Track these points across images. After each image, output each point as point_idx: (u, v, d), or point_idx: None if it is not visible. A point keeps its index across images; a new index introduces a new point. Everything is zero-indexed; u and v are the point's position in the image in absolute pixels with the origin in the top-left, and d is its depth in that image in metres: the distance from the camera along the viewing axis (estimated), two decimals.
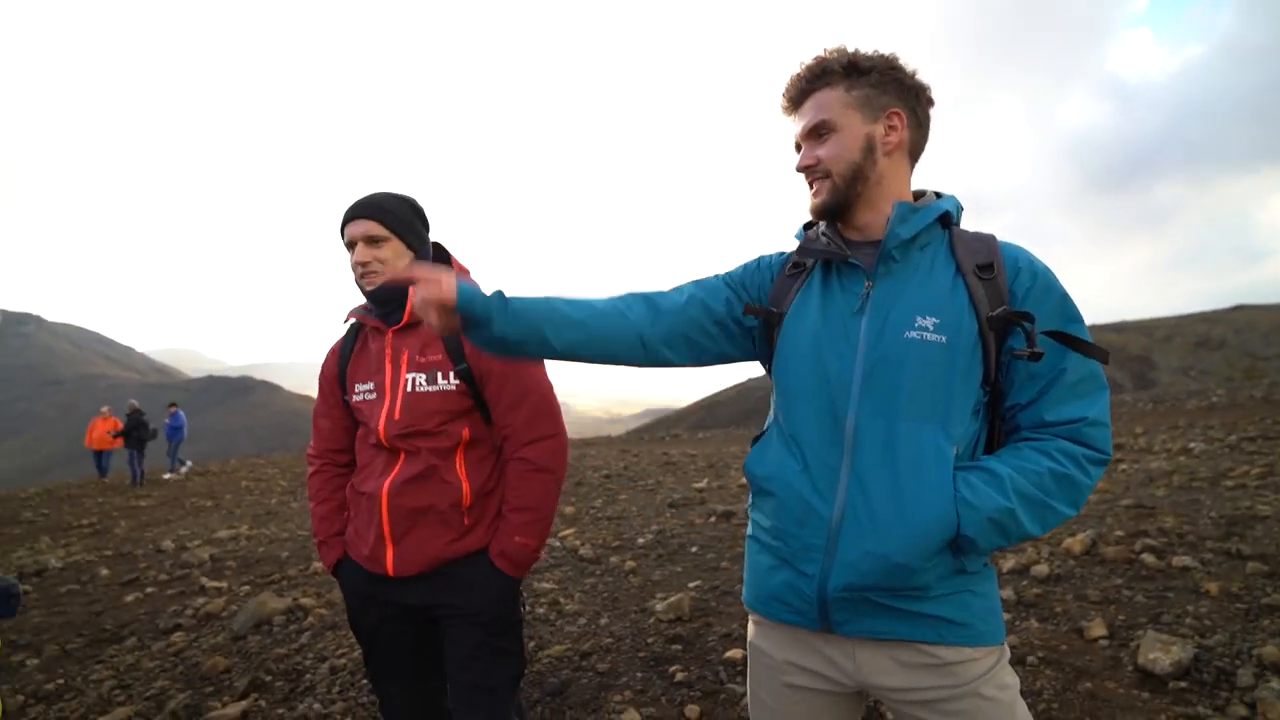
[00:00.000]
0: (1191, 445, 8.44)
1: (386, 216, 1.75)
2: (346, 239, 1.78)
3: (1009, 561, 4.11)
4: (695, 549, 5.25)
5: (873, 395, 1.19)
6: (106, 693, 3.47)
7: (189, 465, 16.60)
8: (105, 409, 16.16)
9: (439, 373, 1.74)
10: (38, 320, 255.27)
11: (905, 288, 1.22)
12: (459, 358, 1.74)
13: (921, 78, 1.28)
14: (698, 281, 1.40)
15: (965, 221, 1.32)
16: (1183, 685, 2.59)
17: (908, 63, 1.27)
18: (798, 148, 1.33)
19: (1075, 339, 1.17)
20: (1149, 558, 3.91)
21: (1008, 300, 1.19)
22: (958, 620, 1.18)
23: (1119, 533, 4.47)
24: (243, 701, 3.13)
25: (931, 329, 1.18)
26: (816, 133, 1.27)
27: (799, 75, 1.29)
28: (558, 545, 5.67)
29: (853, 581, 1.17)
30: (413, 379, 1.75)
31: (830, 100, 1.26)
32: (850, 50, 1.27)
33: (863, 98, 1.25)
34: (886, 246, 1.23)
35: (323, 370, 1.97)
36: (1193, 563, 3.78)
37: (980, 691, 1.18)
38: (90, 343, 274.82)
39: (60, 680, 3.72)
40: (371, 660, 1.92)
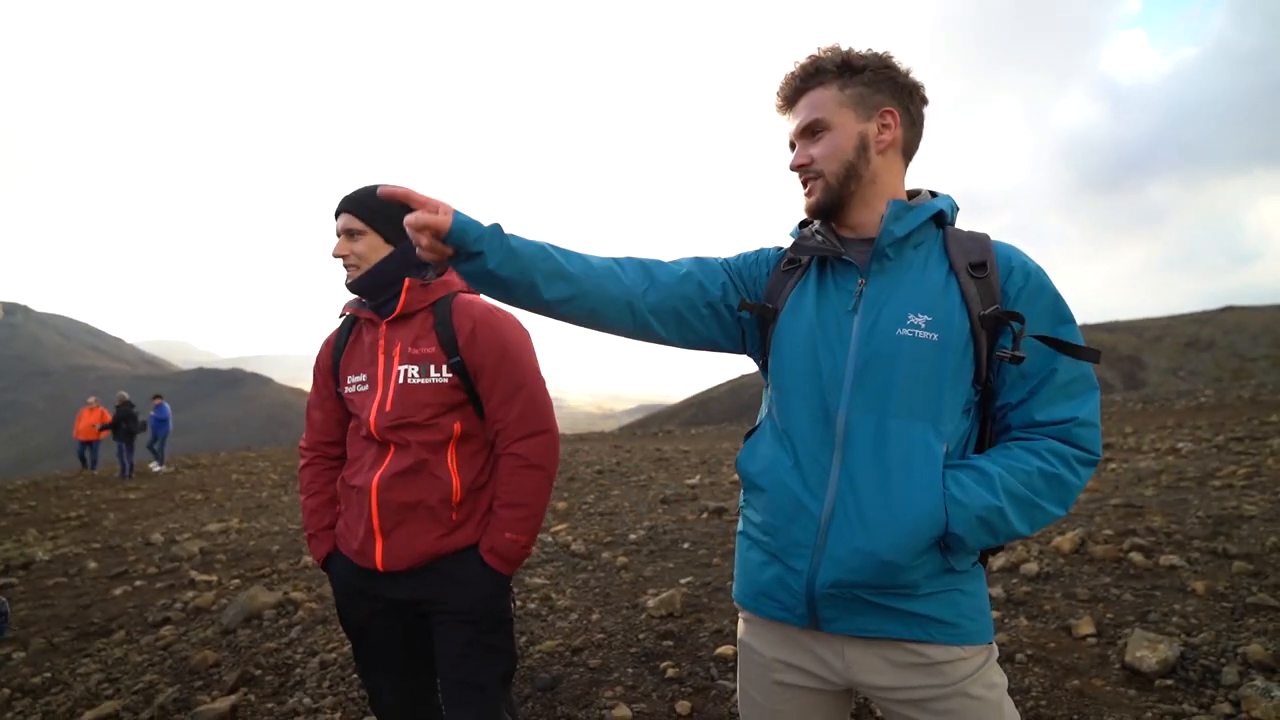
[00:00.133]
0: (1180, 445, 8.51)
1: (362, 209, 1.75)
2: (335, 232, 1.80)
3: (999, 560, 4.14)
4: (687, 545, 5.26)
5: (864, 392, 1.19)
6: (94, 686, 3.45)
7: (160, 467, 16.06)
8: (92, 400, 16.02)
9: (431, 365, 1.73)
10: (25, 310, 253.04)
11: (898, 286, 1.22)
12: (452, 351, 1.73)
13: (915, 76, 1.28)
14: (699, 259, 1.38)
15: (961, 221, 1.32)
16: (1169, 683, 2.61)
17: (901, 61, 1.27)
18: (792, 146, 1.32)
19: (1064, 343, 1.17)
20: (1137, 557, 3.94)
21: (1000, 300, 1.19)
22: (946, 619, 1.19)
23: (1108, 531, 4.50)
24: (232, 695, 3.11)
25: (923, 327, 1.18)
26: (810, 131, 1.27)
27: (793, 74, 1.29)
28: (549, 540, 5.67)
29: (841, 578, 1.17)
30: (405, 371, 1.74)
31: (824, 99, 1.25)
32: (844, 49, 1.26)
33: (856, 96, 1.25)
34: (880, 244, 1.23)
35: (316, 362, 1.97)
36: (1180, 562, 3.82)
37: (968, 691, 1.18)
38: (79, 334, 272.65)
39: (47, 674, 3.70)
40: (361, 655, 1.92)
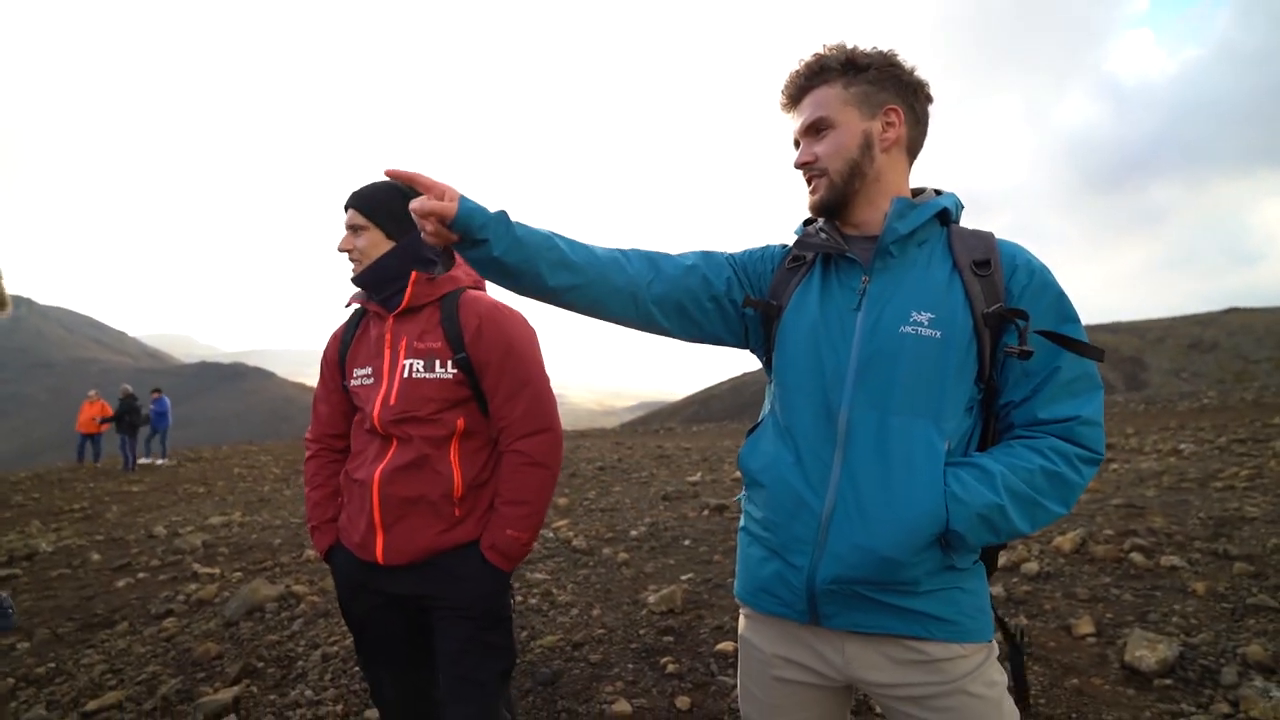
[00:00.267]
0: (1182, 446, 8.49)
1: (366, 205, 1.77)
2: None
3: (1000, 559, 4.14)
4: (688, 542, 5.27)
5: (866, 389, 1.19)
6: (98, 677, 3.47)
7: (163, 460, 16.16)
8: (93, 393, 16.06)
9: (437, 360, 1.74)
10: (29, 303, 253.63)
11: (902, 283, 1.23)
12: (458, 346, 1.73)
13: (920, 74, 1.28)
14: (705, 253, 1.38)
15: (964, 221, 1.32)
16: (1168, 683, 2.62)
17: (906, 59, 1.26)
18: (796, 144, 1.32)
19: (1069, 339, 1.17)
20: (1138, 557, 3.94)
21: (1004, 297, 1.19)
22: (946, 617, 1.19)
23: (1109, 532, 4.50)
24: (234, 687, 3.13)
25: (926, 324, 1.18)
26: (814, 129, 1.27)
27: (797, 72, 1.29)
28: (551, 536, 5.68)
29: (841, 574, 1.17)
30: (410, 365, 1.74)
31: (828, 97, 1.26)
32: (849, 47, 1.27)
33: (861, 94, 1.25)
34: (884, 242, 1.23)
35: (324, 355, 1.98)
36: (1180, 562, 3.82)
37: (967, 689, 1.19)
38: (82, 326, 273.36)
39: (51, 664, 3.72)
40: (362, 648, 1.93)
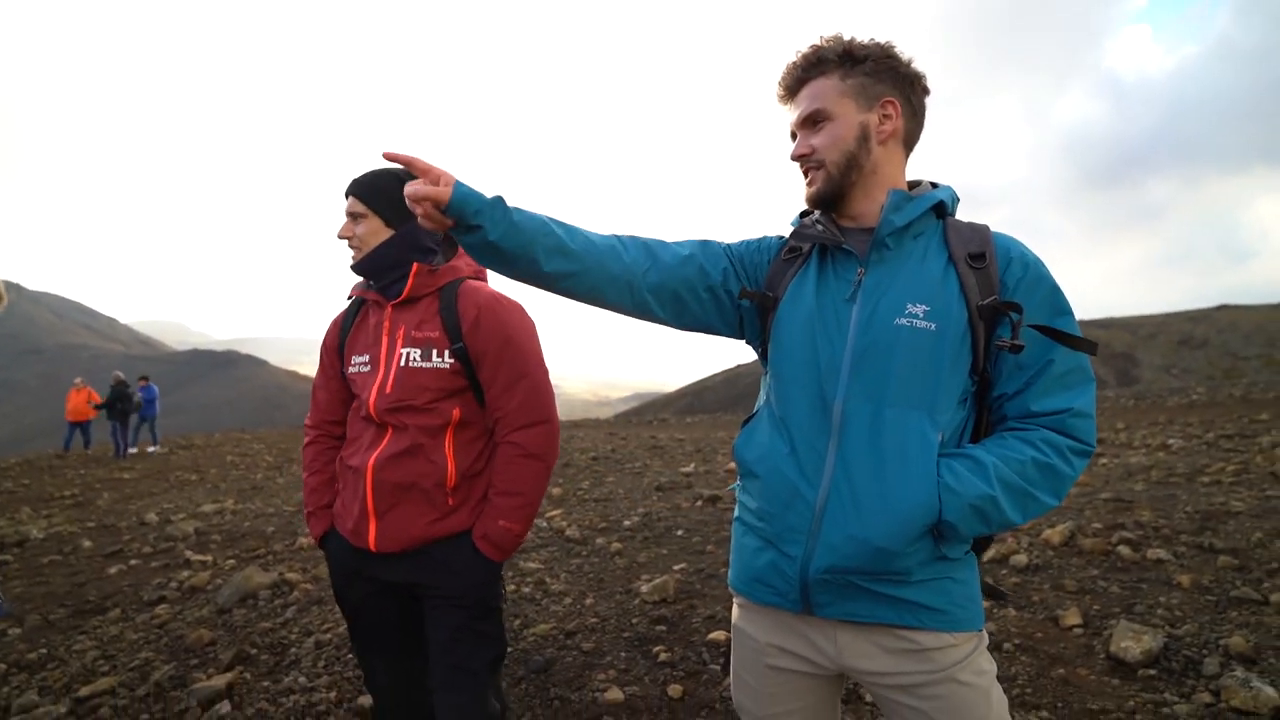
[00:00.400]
0: (1170, 442, 8.58)
1: (365, 192, 1.77)
2: None
3: (989, 551, 4.18)
4: (681, 532, 5.30)
5: (861, 380, 1.20)
6: (90, 663, 3.47)
7: (154, 447, 16.00)
8: (78, 380, 15.87)
9: (434, 350, 1.74)
10: (18, 288, 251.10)
11: (897, 275, 1.23)
12: (455, 336, 1.73)
13: (917, 66, 1.28)
14: (702, 242, 1.38)
15: (960, 215, 1.33)
16: (1151, 673, 2.66)
17: (903, 51, 1.27)
18: (793, 136, 1.33)
19: (1061, 333, 1.18)
20: (1125, 550, 4.00)
21: (998, 290, 1.20)
22: (937, 606, 1.20)
23: (1097, 525, 4.55)
24: (228, 674, 3.13)
25: (921, 316, 1.19)
26: (811, 121, 1.27)
27: (794, 64, 1.29)
28: (544, 526, 5.70)
29: (834, 564, 1.19)
30: (407, 354, 1.74)
31: (825, 89, 1.26)
32: (846, 39, 1.27)
33: (857, 86, 1.25)
34: (880, 234, 1.23)
35: (324, 341, 1.99)
36: (1167, 555, 3.87)
37: (957, 677, 1.20)
38: (72, 312, 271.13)
39: (43, 650, 3.71)
40: (356, 634, 1.94)
